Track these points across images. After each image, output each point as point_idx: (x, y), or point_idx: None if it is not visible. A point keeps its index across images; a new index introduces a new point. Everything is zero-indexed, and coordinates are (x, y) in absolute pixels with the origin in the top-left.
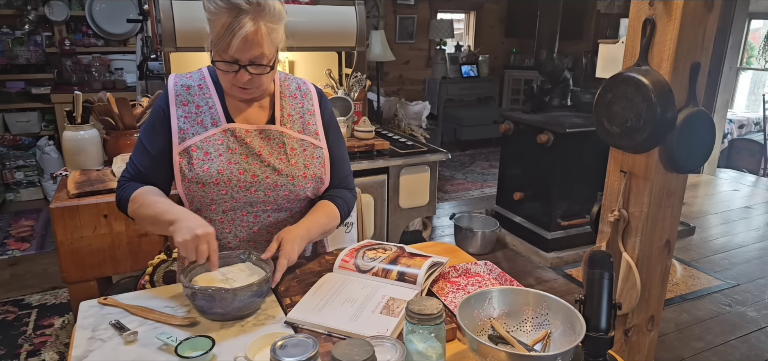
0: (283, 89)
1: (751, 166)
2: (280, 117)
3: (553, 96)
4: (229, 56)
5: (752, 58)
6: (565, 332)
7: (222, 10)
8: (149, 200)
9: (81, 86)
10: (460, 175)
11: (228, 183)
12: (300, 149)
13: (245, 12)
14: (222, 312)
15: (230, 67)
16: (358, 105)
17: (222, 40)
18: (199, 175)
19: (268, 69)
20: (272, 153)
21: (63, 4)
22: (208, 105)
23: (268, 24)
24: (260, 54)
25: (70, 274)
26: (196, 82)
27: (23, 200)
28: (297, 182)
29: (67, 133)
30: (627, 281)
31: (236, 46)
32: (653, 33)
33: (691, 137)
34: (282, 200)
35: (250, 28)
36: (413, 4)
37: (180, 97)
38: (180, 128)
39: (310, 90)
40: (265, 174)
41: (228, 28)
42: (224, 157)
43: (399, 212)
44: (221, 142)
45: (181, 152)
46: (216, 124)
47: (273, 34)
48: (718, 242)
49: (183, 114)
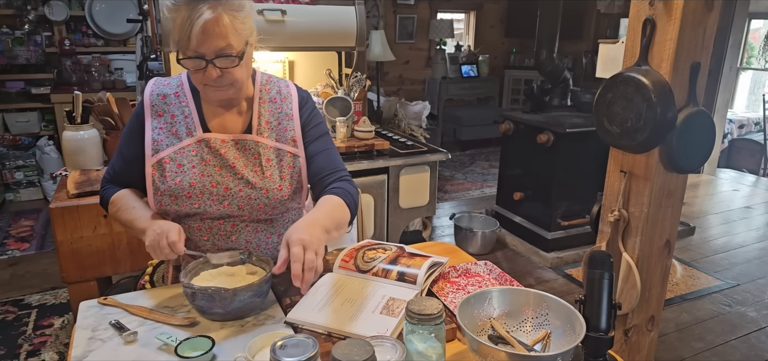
0: (263, 94)
1: (751, 167)
2: (257, 125)
3: (553, 96)
4: (193, 51)
5: (752, 58)
6: (565, 332)
7: (180, 5)
8: (125, 205)
9: (81, 86)
10: (460, 175)
11: (200, 196)
12: (276, 160)
13: (202, 2)
14: (222, 312)
15: (197, 64)
16: (358, 105)
17: (183, 34)
18: (172, 187)
19: (236, 61)
20: (247, 165)
21: (63, 4)
22: (184, 114)
23: (229, 13)
24: (226, 45)
25: (70, 274)
26: (173, 89)
27: (23, 200)
28: (272, 195)
29: (66, 133)
30: (627, 281)
31: (197, 38)
32: (653, 33)
33: (691, 137)
34: (258, 212)
35: (208, 17)
36: (413, 4)
37: (155, 108)
38: (154, 140)
39: (291, 93)
40: (238, 187)
41: (188, 20)
42: (197, 169)
43: (399, 212)
44: (195, 153)
45: (154, 165)
46: (191, 133)
47: (237, 23)
48: (718, 242)
49: (158, 125)
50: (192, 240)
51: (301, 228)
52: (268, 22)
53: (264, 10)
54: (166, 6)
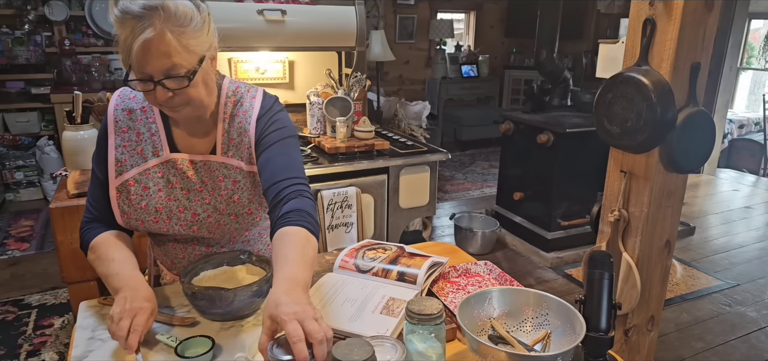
0: (227, 108)
1: (751, 166)
2: (221, 145)
3: (553, 96)
4: (139, 72)
5: (752, 58)
6: (565, 332)
7: (123, 20)
8: (104, 255)
9: (81, 86)
10: (460, 175)
11: (167, 221)
12: (243, 181)
13: (143, 18)
14: (222, 312)
15: (145, 86)
16: (358, 105)
17: (126, 53)
18: (138, 211)
19: (186, 82)
20: (214, 189)
21: (63, 4)
22: (151, 131)
23: (174, 28)
24: (172, 65)
25: (70, 274)
26: (139, 104)
27: (23, 200)
28: (242, 220)
29: (66, 133)
30: (627, 281)
31: (138, 58)
32: (653, 33)
33: (691, 137)
34: (231, 234)
35: (149, 35)
36: (413, 4)
37: (120, 124)
38: (117, 160)
39: (254, 107)
40: (206, 213)
41: (130, 37)
42: (164, 192)
43: (399, 212)
44: (161, 175)
45: (118, 187)
46: (157, 153)
47: (185, 39)
48: (718, 242)
49: (122, 143)
50: (168, 258)
51: (282, 299)
52: (268, 22)
53: (264, 10)
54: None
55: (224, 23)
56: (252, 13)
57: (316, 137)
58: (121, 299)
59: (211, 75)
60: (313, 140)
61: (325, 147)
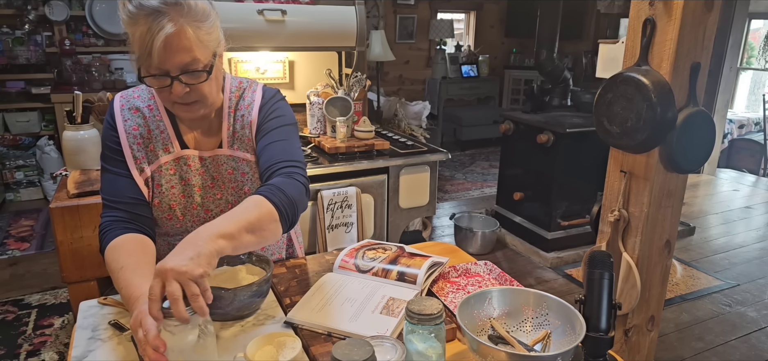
0: (232, 103)
1: (751, 166)
2: (228, 138)
3: (553, 96)
4: (157, 68)
5: (752, 58)
6: (565, 332)
7: (138, 17)
8: (113, 262)
9: (81, 86)
10: (460, 175)
11: (181, 218)
12: (251, 173)
13: (163, 14)
14: (222, 312)
15: (161, 82)
16: (358, 105)
17: (144, 50)
18: (154, 208)
19: (204, 76)
20: (225, 183)
21: (63, 4)
22: (160, 129)
23: (193, 24)
24: (191, 60)
25: (70, 274)
26: (144, 102)
27: (23, 199)
28: None
29: (67, 133)
30: (627, 281)
31: (159, 54)
32: (653, 33)
33: (691, 137)
34: None
35: (170, 30)
36: (413, 4)
37: (128, 122)
38: (135, 158)
39: (255, 99)
40: (219, 208)
41: (148, 34)
42: (177, 189)
43: (399, 212)
44: (173, 172)
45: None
46: (167, 150)
47: (202, 34)
48: (718, 242)
49: (135, 142)
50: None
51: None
52: (268, 22)
53: (264, 10)
54: (123, 18)
55: (224, 23)
56: (252, 13)
57: (316, 137)
58: (135, 317)
59: (221, 71)
60: (313, 140)
61: (325, 147)
